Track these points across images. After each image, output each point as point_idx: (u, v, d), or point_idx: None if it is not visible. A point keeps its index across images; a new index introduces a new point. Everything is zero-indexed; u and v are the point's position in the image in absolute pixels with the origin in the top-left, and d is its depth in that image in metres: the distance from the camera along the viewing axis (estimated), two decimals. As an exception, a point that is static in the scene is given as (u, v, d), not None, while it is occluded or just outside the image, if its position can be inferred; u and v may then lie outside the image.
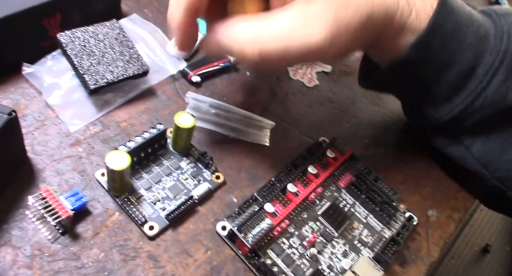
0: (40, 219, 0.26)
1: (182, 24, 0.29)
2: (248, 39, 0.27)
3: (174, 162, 0.32)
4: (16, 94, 0.32)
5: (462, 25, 0.31)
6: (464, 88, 0.33)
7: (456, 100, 0.33)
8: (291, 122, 0.39)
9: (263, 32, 0.27)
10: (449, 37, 0.31)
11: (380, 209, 0.33)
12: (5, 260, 0.24)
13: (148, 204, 0.29)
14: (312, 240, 0.31)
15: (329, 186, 0.34)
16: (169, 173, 0.31)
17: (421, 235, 0.35)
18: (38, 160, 0.29)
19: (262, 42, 0.26)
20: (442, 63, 0.32)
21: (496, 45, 0.32)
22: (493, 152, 0.35)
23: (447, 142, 0.37)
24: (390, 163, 0.40)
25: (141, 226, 0.28)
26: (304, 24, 0.27)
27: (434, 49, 0.31)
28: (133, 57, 0.35)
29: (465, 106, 0.33)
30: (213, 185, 0.32)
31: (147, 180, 0.31)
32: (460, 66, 0.32)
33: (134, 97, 0.35)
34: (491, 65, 0.32)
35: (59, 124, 0.32)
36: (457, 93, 0.33)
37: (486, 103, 0.32)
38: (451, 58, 0.32)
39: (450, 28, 0.31)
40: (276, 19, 0.27)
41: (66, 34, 0.33)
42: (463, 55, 0.32)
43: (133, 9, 0.42)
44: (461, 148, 0.36)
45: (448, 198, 0.38)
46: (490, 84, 0.32)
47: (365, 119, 0.43)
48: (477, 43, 0.32)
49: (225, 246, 0.29)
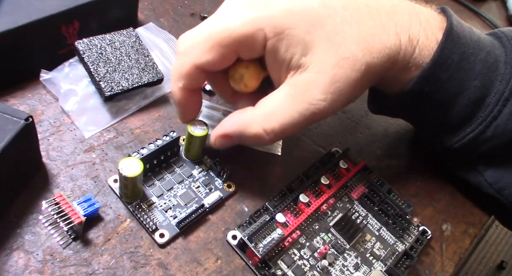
0: (53, 224, 0.26)
1: (181, 100, 0.29)
2: (261, 129, 0.28)
3: (186, 170, 0.32)
4: (33, 100, 0.33)
5: (470, 55, 0.30)
6: (475, 117, 0.32)
7: (467, 129, 0.33)
8: (303, 131, 0.39)
9: (271, 116, 0.28)
10: (455, 68, 0.30)
11: (393, 222, 0.33)
12: (18, 264, 0.25)
13: (159, 211, 0.30)
14: (324, 252, 0.30)
15: (342, 197, 0.34)
16: (181, 181, 0.32)
17: (435, 250, 0.34)
18: (52, 165, 0.30)
19: (274, 125, 0.27)
20: (450, 93, 0.31)
21: (506, 73, 0.31)
22: (507, 178, 0.34)
23: (461, 166, 0.37)
24: (403, 175, 0.39)
25: (151, 233, 0.28)
26: (303, 96, 0.27)
27: (440, 81, 0.30)
28: (148, 65, 0.35)
29: (476, 135, 0.32)
30: (224, 194, 0.32)
31: (159, 188, 0.31)
32: (469, 95, 0.31)
33: (148, 105, 0.36)
34: (501, 94, 0.31)
35: (74, 130, 0.32)
36: (467, 123, 0.32)
37: (498, 132, 0.32)
38: (459, 88, 0.31)
39: (457, 59, 0.30)
40: (277, 100, 0.28)
41: (84, 42, 0.34)
42: (472, 84, 0.31)
43: (149, 18, 0.43)
44: (474, 173, 0.36)
45: (463, 213, 0.38)
46: (501, 113, 0.31)
47: (379, 130, 0.42)
48: (486, 72, 0.31)
49: (236, 256, 0.29)
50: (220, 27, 0.27)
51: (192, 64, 0.27)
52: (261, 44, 0.27)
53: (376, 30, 0.28)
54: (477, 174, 0.36)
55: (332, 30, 0.27)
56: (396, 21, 0.29)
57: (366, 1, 0.29)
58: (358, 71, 0.27)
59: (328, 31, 0.27)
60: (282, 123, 0.27)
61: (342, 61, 0.27)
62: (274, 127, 0.28)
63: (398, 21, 0.29)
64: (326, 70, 0.27)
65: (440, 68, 0.30)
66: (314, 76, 0.27)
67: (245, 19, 0.26)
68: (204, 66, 0.28)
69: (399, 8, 0.30)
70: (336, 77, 0.27)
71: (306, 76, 0.27)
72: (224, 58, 0.27)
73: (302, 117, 0.27)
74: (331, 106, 0.27)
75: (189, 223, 0.29)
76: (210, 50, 0.27)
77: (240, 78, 0.29)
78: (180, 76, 0.28)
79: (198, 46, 0.27)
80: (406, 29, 0.29)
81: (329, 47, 0.27)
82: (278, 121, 0.27)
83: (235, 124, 0.29)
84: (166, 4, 0.46)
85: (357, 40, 0.27)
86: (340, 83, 0.27)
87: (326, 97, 0.27)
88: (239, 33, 0.26)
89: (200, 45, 0.27)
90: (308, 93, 0.27)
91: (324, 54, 0.27)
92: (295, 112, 0.27)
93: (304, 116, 0.27)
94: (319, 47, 0.27)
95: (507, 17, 0.72)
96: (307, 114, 0.27)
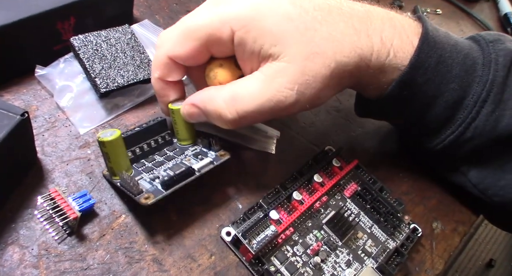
0: (48, 219, 0.26)
1: (158, 90, 0.31)
2: (224, 103, 0.28)
3: (178, 151, 0.32)
4: (28, 96, 0.33)
5: (447, 58, 0.31)
6: (454, 119, 0.33)
7: (447, 131, 0.33)
8: (297, 130, 0.39)
9: (237, 95, 0.28)
10: (432, 72, 0.31)
11: (384, 219, 0.33)
12: (13, 259, 0.25)
13: (147, 182, 0.28)
14: (316, 249, 0.31)
15: (334, 195, 0.34)
16: (172, 158, 0.31)
17: (425, 247, 0.35)
18: (47, 161, 0.30)
19: (237, 104, 0.28)
20: (429, 96, 0.32)
21: (483, 75, 0.32)
22: (489, 178, 0.35)
23: (445, 168, 0.38)
24: (395, 173, 0.40)
25: (135, 196, 0.26)
26: (271, 82, 0.27)
27: (418, 84, 0.31)
28: (143, 62, 0.35)
29: (456, 137, 0.33)
30: (217, 161, 0.30)
31: (148, 166, 0.30)
32: (447, 98, 0.32)
33: (143, 101, 0.36)
34: (479, 96, 0.32)
35: (69, 126, 0.32)
36: (447, 124, 0.33)
37: (477, 133, 0.32)
38: (437, 91, 0.32)
39: (434, 62, 0.30)
40: (246, 82, 0.28)
41: (79, 38, 0.34)
42: (449, 87, 0.31)
43: (144, 15, 0.43)
44: (458, 174, 0.36)
45: (454, 211, 0.38)
46: (479, 114, 0.32)
47: (371, 129, 0.43)
48: (463, 74, 0.31)
49: (229, 252, 0.29)
50: (190, 23, 0.28)
51: (165, 56, 0.29)
52: (228, 38, 0.27)
53: (347, 31, 0.28)
54: (461, 175, 0.36)
55: (302, 26, 0.27)
56: (368, 25, 0.29)
57: (339, 5, 0.29)
58: (328, 68, 0.28)
59: (298, 25, 0.27)
60: (247, 104, 0.28)
61: (312, 55, 0.27)
62: (238, 106, 0.28)
63: (370, 25, 0.29)
64: (297, 61, 0.27)
65: (417, 72, 0.30)
66: (284, 65, 0.27)
67: (212, 15, 0.28)
68: (176, 58, 0.29)
69: (372, 13, 0.30)
70: (306, 69, 0.27)
71: (276, 64, 0.27)
72: (195, 52, 0.28)
73: (267, 102, 0.27)
74: (298, 98, 0.28)
75: (175, 184, 0.27)
76: (181, 43, 0.28)
77: (214, 76, 0.30)
78: (155, 66, 0.30)
79: (171, 40, 0.29)
80: (378, 32, 0.29)
81: (299, 40, 0.27)
82: (243, 102, 0.28)
83: (203, 96, 0.29)
84: (162, 1, 0.46)
85: (327, 37, 0.28)
86: (309, 77, 0.27)
87: (294, 87, 0.27)
88: (206, 27, 0.28)
89: (173, 38, 0.29)
90: (277, 80, 0.27)
91: (294, 46, 0.27)
92: (262, 96, 0.27)
93: (270, 101, 0.27)
94: (290, 39, 0.27)
95: (498, 18, 0.73)
96: (273, 101, 0.27)
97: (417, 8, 0.61)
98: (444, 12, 0.65)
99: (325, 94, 0.30)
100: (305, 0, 0.28)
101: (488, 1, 0.74)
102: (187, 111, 0.30)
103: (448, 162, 0.37)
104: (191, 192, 0.32)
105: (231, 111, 0.28)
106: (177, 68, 0.30)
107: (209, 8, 0.28)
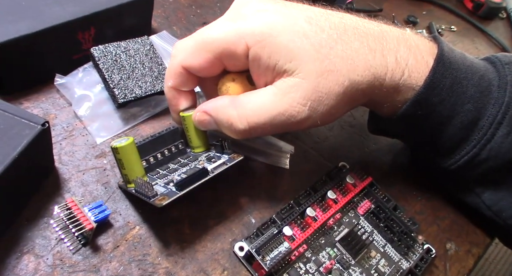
0: (64, 229, 0.27)
1: (170, 99, 0.31)
2: (236, 113, 0.28)
3: (192, 158, 0.32)
4: (47, 104, 0.33)
5: (462, 79, 0.31)
6: (468, 140, 0.32)
7: (461, 152, 0.33)
8: (311, 144, 0.39)
9: (249, 106, 0.28)
10: (447, 92, 0.31)
11: (398, 239, 0.33)
12: (28, 268, 0.25)
13: (161, 187, 0.28)
14: (329, 267, 0.30)
15: (348, 212, 0.34)
16: (186, 165, 0.31)
17: (439, 269, 0.34)
18: (64, 170, 0.30)
19: (249, 116, 0.28)
20: (443, 116, 0.32)
21: (499, 97, 0.32)
22: (504, 200, 0.34)
23: (459, 189, 0.37)
24: (408, 191, 0.39)
25: (149, 199, 0.26)
26: (284, 96, 0.28)
27: (433, 104, 0.31)
28: (161, 74, 0.36)
29: (470, 157, 0.33)
30: (230, 161, 0.30)
31: (163, 173, 0.30)
32: (462, 118, 0.32)
33: (159, 112, 0.36)
34: (494, 118, 0.31)
35: (86, 136, 0.32)
36: (462, 145, 0.33)
37: (492, 154, 0.32)
38: (452, 112, 0.31)
39: (449, 83, 0.30)
40: (259, 94, 0.29)
41: (99, 48, 0.34)
42: (464, 107, 0.31)
43: (162, 26, 0.44)
44: (472, 195, 0.36)
45: (468, 232, 0.38)
46: (494, 136, 0.32)
47: (385, 146, 0.43)
48: (478, 96, 0.31)
49: (242, 268, 0.29)
50: (206, 35, 0.29)
51: (179, 65, 0.29)
52: (243, 53, 0.28)
53: (361, 50, 0.28)
54: (475, 197, 0.36)
55: (317, 43, 0.27)
56: (384, 45, 0.29)
57: (355, 24, 0.29)
58: (341, 86, 0.28)
59: (313, 42, 0.27)
60: (258, 116, 0.28)
61: (326, 72, 0.27)
62: (249, 117, 0.28)
63: (386, 45, 0.29)
64: (311, 77, 0.27)
65: (432, 92, 0.30)
66: (298, 81, 0.27)
67: (228, 29, 0.28)
68: (190, 68, 0.29)
69: (388, 33, 0.30)
70: (319, 86, 0.27)
71: (291, 80, 0.28)
72: (209, 64, 0.29)
73: (279, 116, 0.28)
74: (310, 113, 0.28)
75: (190, 184, 0.27)
76: (196, 54, 0.29)
77: (226, 90, 0.30)
78: (169, 75, 0.30)
79: (186, 50, 0.29)
80: (393, 52, 0.30)
81: (314, 57, 0.27)
82: (255, 114, 0.28)
83: (216, 104, 0.29)
84: (179, 12, 0.46)
85: (342, 56, 0.28)
86: (322, 93, 0.28)
87: (306, 103, 0.28)
88: (221, 40, 0.28)
89: (188, 49, 0.29)
90: (290, 95, 0.28)
91: (309, 62, 0.27)
92: (274, 109, 0.28)
93: (282, 115, 0.28)
94: (305, 56, 0.27)
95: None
96: (285, 115, 0.28)
97: (432, 24, 0.61)
98: (458, 29, 0.65)
99: (337, 111, 0.30)
100: (321, 19, 0.29)
101: (503, 19, 0.74)
102: (198, 119, 0.30)
103: (462, 183, 0.36)
104: (205, 205, 0.32)
105: (242, 122, 0.28)
106: (190, 78, 0.30)
107: (226, 22, 0.29)
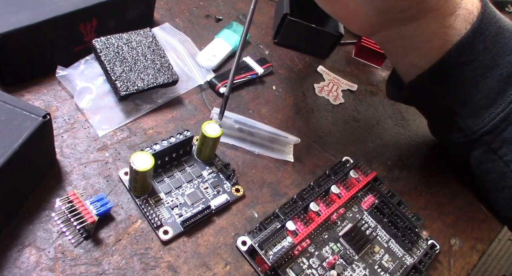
0: (65, 222, 0.26)
1: None
2: None
3: (196, 170, 0.32)
4: (49, 96, 0.33)
5: (505, 30, 0.32)
6: (505, 95, 0.32)
7: (497, 107, 0.32)
8: (315, 139, 0.39)
9: None
10: (491, 41, 0.31)
11: (402, 234, 0.33)
12: (29, 261, 0.25)
13: (166, 208, 0.30)
14: (333, 262, 0.30)
15: (352, 207, 0.34)
16: (190, 180, 0.31)
17: (442, 264, 0.34)
18: (66, 162, 0.30)
19: None
20: (484, 67, 0.32)
21: None
22: None
23: (485, 159, 0.35)
24: (412, 187, 0.39)
25: (156, 229, 0.28)
26: None
27: (476, 51, 0.31)
28: (164, 66, 0.35)
29: (506, 114, 0.32)
30: (231, 198, 0.32)
31: (168, 185, 0.31)
32: (501, 71, 0.32)
33: (161, 105, 0.36)
34: None
35: (88, 128, 0.32)
36: (498, 100, 0.32)
37: None
38: (493, 62, 0.31)
39: (494, 31, 0.31)
40: None
41: (101, 40, 0.34)
42: (505, 59, 0.31)
43: (165, 18, 0.43)
44: (500, 164, 0.34)
45: (472, 228, 0.38)
46: None
47: (390, 141, 0.42)
48: None
49: (245, 262, 0.29)
50: None
51: None
52: None
53: None
54: (503, 166, 0.34)
55: None
56: None
57: None
58: None
59: None
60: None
61: None
62: None
63: None
64: None
65: (478, 37, 0.31)
66: None
67: None
68: None
69: None
70: None
71: None
72: None
73: None
74: None
75: (193, 223, 0.29)
76: None
77: None
78: None
79: None
80: None
81: None
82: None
83: None
84: (182, 4, 0.46)
85: None
86: None
87: None
88: None
89: None
90: None
91: None
92: None
93: None
94: None
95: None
96: None
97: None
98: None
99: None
100: None
101: (509, 13, 0.73)
102: None
103: (489, 151, 0.35)
104: (208, 199, 0.31)
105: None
106: None
107: None
